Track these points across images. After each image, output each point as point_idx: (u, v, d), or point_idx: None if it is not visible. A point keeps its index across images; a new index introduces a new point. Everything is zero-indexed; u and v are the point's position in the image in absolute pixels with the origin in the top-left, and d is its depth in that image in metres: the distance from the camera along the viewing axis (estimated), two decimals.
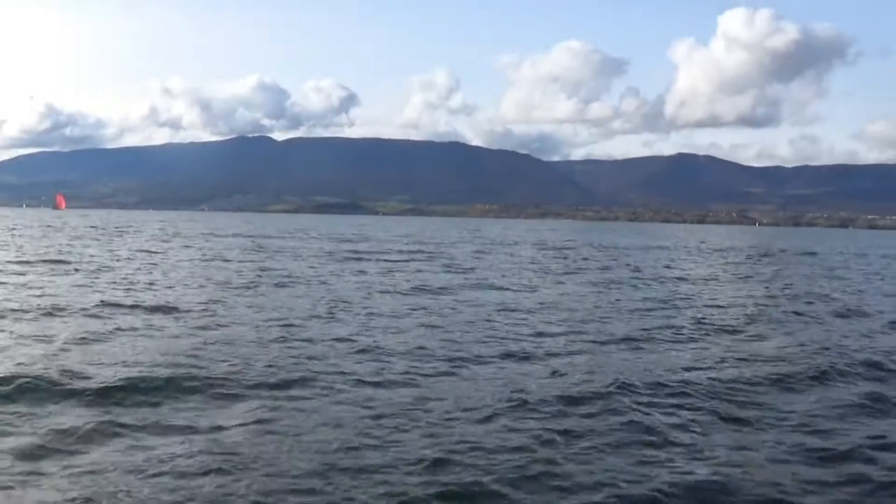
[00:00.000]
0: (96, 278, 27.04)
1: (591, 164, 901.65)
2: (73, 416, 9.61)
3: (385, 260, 42.55)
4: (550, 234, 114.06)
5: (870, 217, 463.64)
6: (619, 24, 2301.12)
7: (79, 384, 10.99)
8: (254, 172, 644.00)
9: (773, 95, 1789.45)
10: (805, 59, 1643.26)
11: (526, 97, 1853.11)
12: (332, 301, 22.05)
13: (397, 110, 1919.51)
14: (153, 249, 45.83)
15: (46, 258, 35.78)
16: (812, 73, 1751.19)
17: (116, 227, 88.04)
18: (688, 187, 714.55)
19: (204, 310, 19.42)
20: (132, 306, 19.39)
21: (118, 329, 15.90)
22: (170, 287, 24.97)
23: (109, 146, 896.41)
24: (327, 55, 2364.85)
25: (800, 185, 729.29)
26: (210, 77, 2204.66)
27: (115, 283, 25.62)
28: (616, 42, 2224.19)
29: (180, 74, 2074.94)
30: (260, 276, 29.54)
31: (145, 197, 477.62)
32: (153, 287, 24.69)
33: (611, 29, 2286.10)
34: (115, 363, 12.57)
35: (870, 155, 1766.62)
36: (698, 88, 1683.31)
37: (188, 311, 18.89)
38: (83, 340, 14.47)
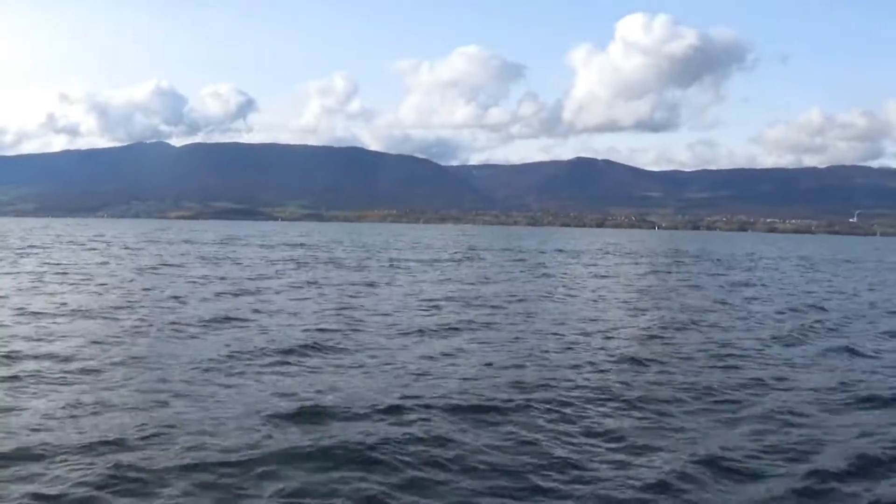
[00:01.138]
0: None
1: (489, 169, 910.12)
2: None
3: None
4: (475, 240, 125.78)
5: (769, 220, 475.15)
6: (516, 29, 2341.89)
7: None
8: (152, 179, 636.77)
9: (672, 100, 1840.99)
10: (703, 65, 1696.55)
11: (424, 102, 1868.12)
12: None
13: (295, 115, 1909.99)
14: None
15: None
16: (710, 79, 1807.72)
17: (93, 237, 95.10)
18: (586, 191, 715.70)
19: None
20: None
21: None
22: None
23: (7, 153, 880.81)
24: (225, 60, 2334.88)
25: (699, 188, 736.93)
26: (107, 82, 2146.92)
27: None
28: (514, 47, 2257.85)
29: (77, 80, 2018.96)
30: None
31: (43, 204, 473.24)
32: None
33: (509, 34, 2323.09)
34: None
35: (768, 159, 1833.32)
36: (596, 93, 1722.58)
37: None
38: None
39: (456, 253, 75.88)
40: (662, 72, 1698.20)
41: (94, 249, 67.16)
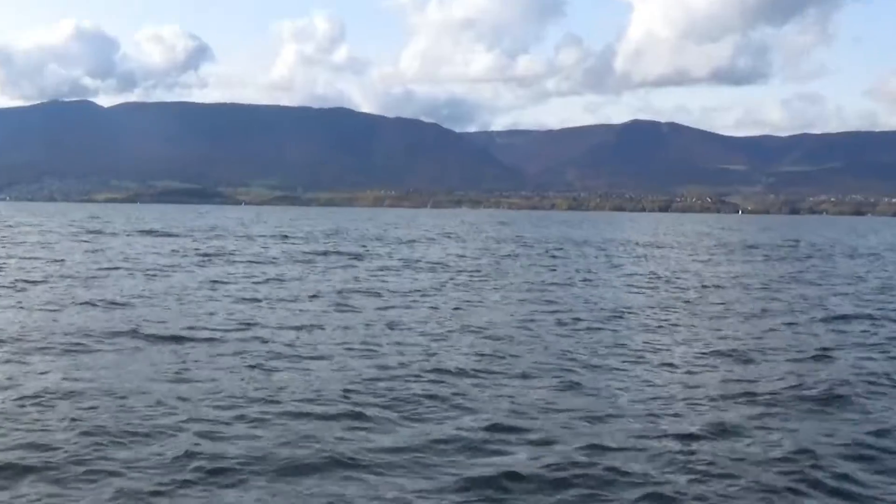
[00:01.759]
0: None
1: (517, 136, 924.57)
2: None
3: None
4: (518, 230, 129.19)
5: (894, 201, 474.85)
6: None
7: None
8: (73, 149, 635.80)
9: (760, 42, 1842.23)
10: None
11: (432, 49, 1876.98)
12: None
13: (263, 67, 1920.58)
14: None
15: None
16: (813, 12, 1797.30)
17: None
18: (645, 165, 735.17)
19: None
20: None
21: None
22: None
23: None
24: None
25: (797, 160, 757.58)
26: (10, 22, 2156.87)
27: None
28: None
29: None
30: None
31: None
32: None
33: None
34: None
35: (891, 119, 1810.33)
36: (659, 35, 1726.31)
37: None
38: None
39: (514, 248, 75.19)
40: (747, 5, 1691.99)
41: (23, 243, 67.04)
